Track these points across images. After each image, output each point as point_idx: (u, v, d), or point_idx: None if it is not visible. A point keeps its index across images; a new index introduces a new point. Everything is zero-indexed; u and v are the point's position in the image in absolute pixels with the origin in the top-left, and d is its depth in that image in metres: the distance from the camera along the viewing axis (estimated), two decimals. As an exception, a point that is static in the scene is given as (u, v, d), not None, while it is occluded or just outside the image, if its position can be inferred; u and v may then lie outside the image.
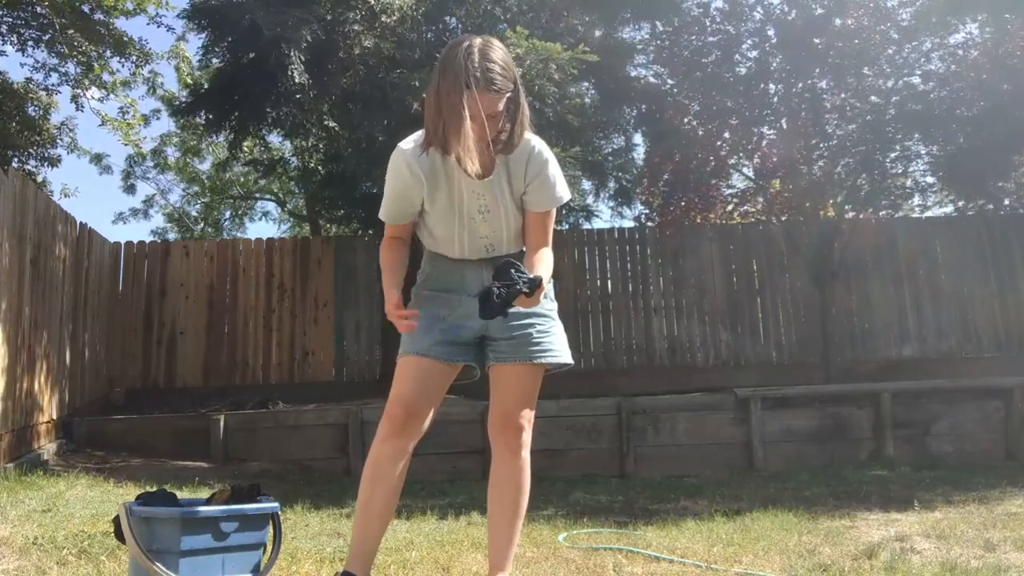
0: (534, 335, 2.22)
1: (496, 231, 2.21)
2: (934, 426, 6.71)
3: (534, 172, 2.16)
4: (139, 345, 8.30)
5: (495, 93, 2.02)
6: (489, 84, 2.00)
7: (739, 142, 8.88)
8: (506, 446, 2.23)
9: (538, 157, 2.17)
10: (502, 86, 2.03)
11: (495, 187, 2.17)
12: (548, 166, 2.18)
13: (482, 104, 1.99)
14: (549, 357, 2.23)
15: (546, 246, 2.20)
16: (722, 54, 8.59)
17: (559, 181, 2.21)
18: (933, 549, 3.29)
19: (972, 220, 9.58)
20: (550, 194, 2.19)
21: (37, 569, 2.68)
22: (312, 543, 3.29)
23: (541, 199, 2.19)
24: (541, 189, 2.18)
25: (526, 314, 2.20)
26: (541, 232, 2.21)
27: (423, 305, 2.25)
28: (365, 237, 8.99)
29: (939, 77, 8.26)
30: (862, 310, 8.97)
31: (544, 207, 2.20)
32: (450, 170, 2.15)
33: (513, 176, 2.18)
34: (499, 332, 2.22)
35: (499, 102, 2.04)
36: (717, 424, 6.69)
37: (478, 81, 1.98)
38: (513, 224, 2.22)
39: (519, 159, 2.16)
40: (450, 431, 6.16)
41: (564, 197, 2.20)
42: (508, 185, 2.18)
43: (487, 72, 2.00)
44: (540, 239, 2.20)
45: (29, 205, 5.47)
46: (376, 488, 2.16)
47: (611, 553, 3.20)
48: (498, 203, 2.18)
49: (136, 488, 4.37)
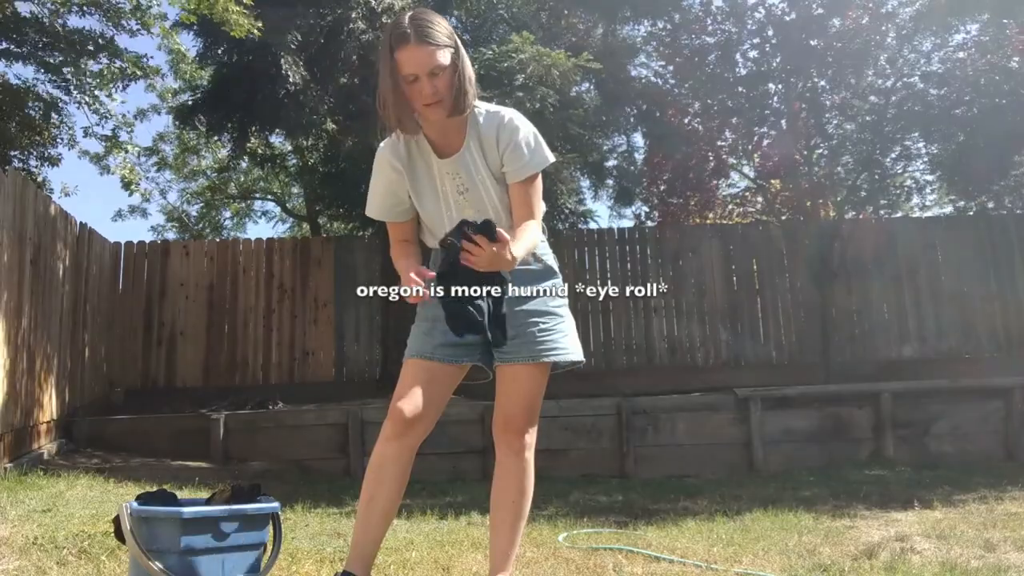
0: (537, 333, 2.18)
1: (480, 210, 2.16)
2: (934, 426, 6.71)
3: (506, 140, 2.12)
4: (139, 345, 8.30)
5: (432, 46, 2.02)
6: (422, 37, 2.01)
7: (739, 142, 8.89)
8: (509, 447, 2.22)
9: (508, 125, 2.13)
10: (438, 40, 2.03)
11: (468, 163, 2.15)
12: (518, 133, 2.13)
13: (419, 58, 2.01)
14: (554, 355, 2.19)
15: (530, 219, 2.13)
16: (722, 54, 8.60)
17: (537, 147, 2.14)
18: (933, 549, 3.29)
19: (972, 220, 9.58)
20: (523, 161, 2.12)
21: (37, 569, 2.67)
22: (312, 543, 3.29)
23: (516, 167, 2.14)
24: (514, 157, 2.12)
25: (529, 312, 2.17)
26: (524, 206, 2.15)
27: (426, 306, 2.24)
28: (365, 237, 8.99)
29: (939, 77, 8.27)
30: (862, 310, 8.97)
31: (520, 175, 2.14)
32: (426, 156, 2.18)
33: (486, 149, 2.14)
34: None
35: (438, 54, 2.03)
36: (717, 424, 6.69)
37: (410, 36, 2.01)
38: (496, 199, 2.17)
39: (489, 130, 2.14)
40: (450, 431, 6.15)
41: (541, 162, 2.15)
42: (483, 159, 2.15)
43: (419, 27, 2.02)
44: (523, 212, 2.14)
45: (29, 205, 5.47)
46: (378, 489, 2.15)
47: (611, 553, 3.19)
48: (474, 180, 2.16)
49: (136, 488, 4.36)
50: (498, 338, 2.11)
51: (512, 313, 2.14)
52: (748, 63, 8.74)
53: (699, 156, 8.76)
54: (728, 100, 8.50)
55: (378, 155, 2.23)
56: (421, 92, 2.05)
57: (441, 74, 2.05)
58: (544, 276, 2.23)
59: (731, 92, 8.52)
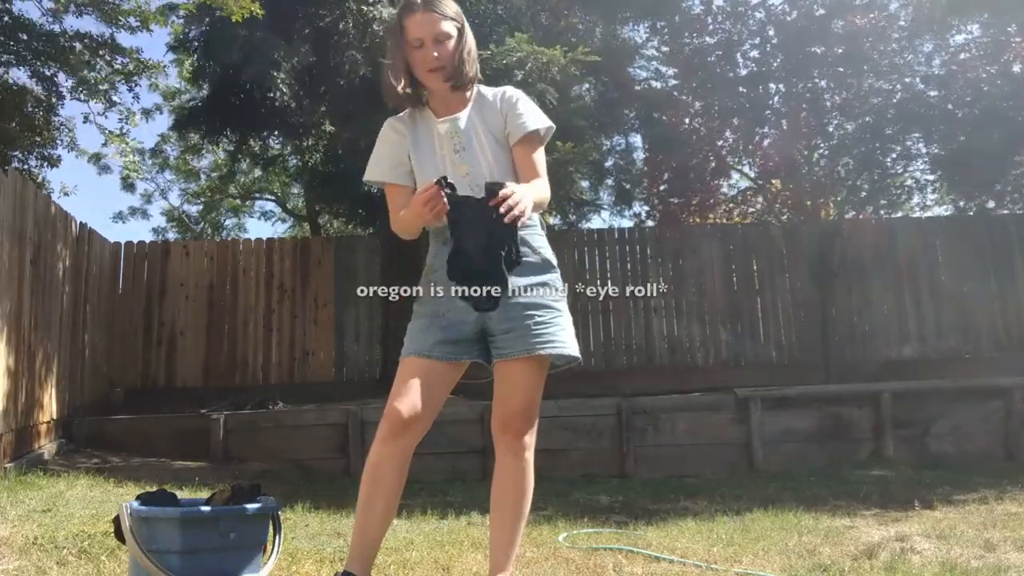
0: (532, 326, 2.15)
1: (475, 169, 2.19)
2: (934, 426, 6.71)
3: (507, 104, 2.25)
4: (139, 345, 8.30)
5: (437, 14, 2.16)
6: (430, 5, 2.16)
7: (740, 142, 8.89)
8: (508, 449, 2.20)
9: (508, 91, 2.28)
10: (444, 11, 2.17)
11: (467, 124, 2.23)
12: (518, 95, 2.27)
13: (425, 24, 2.15)
14: (550, 348, 2.15)
15: (537, 177, 2.20)
16: (723, 53, 8.59)
17: (536, 111, 2.26)
18: (933, 549, 3.29)
19: (972, 220, 9.58)
20: (523, 118, 2.22)
21: (37, 569, 2.67)
22: (312, 543, 3.29)
23: (516, 124, 2.22)
24: (514, 115, 2.23)
25: (525, 304, 2.15)
26: (530, 168, 2.21)
27: (425, 301, 2.23)
28: (365, 237, 8.99)
29: (939, 78, 8.26)
30: (862, 310, 8.97)
31: (521, 131, 2.21)
32: (428, 121, 2.27)
33: (487, 114, 2.25)
34: (497, 324, 2.16)
35: (443, 23, 2.16)
36: (717, 424, 6.69)
37: (419, 5, 2.16)
38: (491, 158, 2.21)
39: (491, 98, 2.27)
40: (450, 431, 6.15)
41: (541, 121, 2.24)
42: (483, 123, 2.24)
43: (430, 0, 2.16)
44: (530, 174, 2.20)
45: (29, 205, 5.47)
46: (376, 491, 2.14)
47: (611, 553, 3.19)
48: (471, 139, 2.22)
49: (136, 488, 4.36)
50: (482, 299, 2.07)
51: (508, 305, 2.12)
52: (749, 63, 8.74)
53: (699, 156, 8.76)
54: (729, 100, 8.49)
55: (383, 127, 2.32)
56: (425, 58, 2.17)
57: (445, 42, 2.18)
58: (542, 269, 2.21)
59: (732, 92, 8.52)
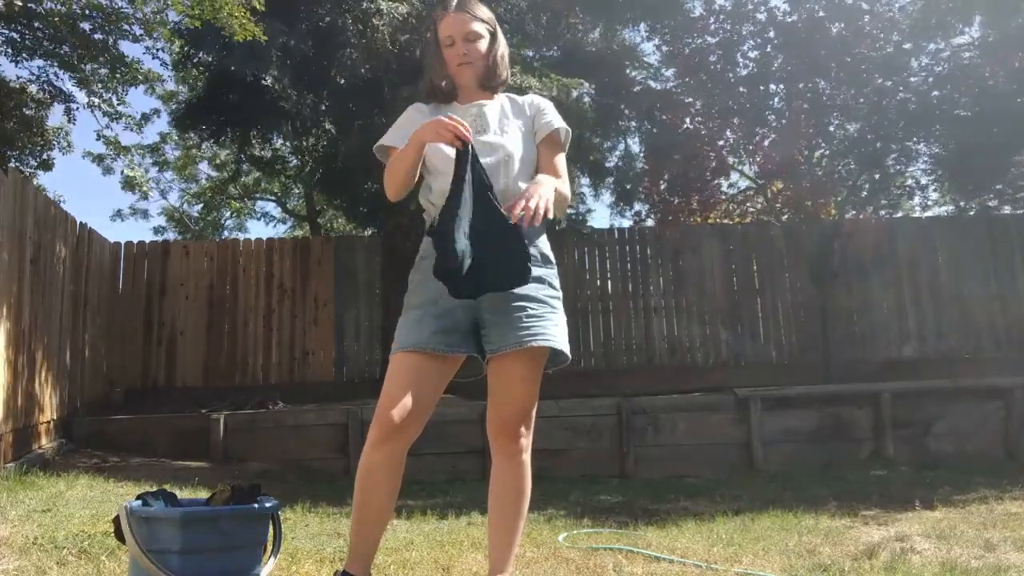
0: (523, 318, 2.12)
1: (493, 156, 2.17)
2: (934, 426, 6.71)
3: (535, 108, 2.35)
4: (139, 345, 8.30)
5: (469, 14, 2.28)
6: (462, 6, 2.29)
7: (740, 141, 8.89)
8: (505, 451, 2.18)
9: (537, 99, 2.40)
10: (476, 13, 2.30)
11: (492, 110, 2.30)
12: (548, 105, 2.38)
13: (456, 23, 2.27)
14: (540, 340, 2.11)
15: (559, 178, 2.24)
16: (724, 53, 8.59)
17: (559, 116, 2.36)
18: (933, 549, 3.29)
19: (972, 220, 9.58)
20: (550, 118, 2.32)
21: (37, 569, 2.67)
22: (312, 543, 3.29)
23: (542, 123, 2.31)
24: (541, 115, 2.33)
25: (519, 296, 2.12)
26: (551, 170, 2.26)
27: (417, 292, 2.20)
28: (365, 237, 8.99)
29: (939, 78, 8.26)
30: (862, 310, 8.97)
31: (546, 130, 2.29)
32: (452, 108, 2.31)
33: (516, 109, 2.34)
34: (489, 314, 2.14)
35: (474, 23, 2.28)
36: (717, 424, 6.69)
37: (452, 5, 2.29)
38: (511, 148, 2.21)
39: (519, 101, 2.38)
40: (449, 431, 6.15)
41: (563, 123, 2.33)
42: (508, 117, 2.31)
43: (463, 1, 2.30)
44: (552, 175, 2.22)
45: (29, 205, 5.46)
46: (370, 495, 2.13)
47: (611, 553, 3.19)
48: (490, 123, 2.27)
49: (136, 488, 4.36)
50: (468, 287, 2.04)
51: (501, 296, 2.11)
52: (749, 63, 8.73)
53: (700, 156, 8.75)
54: (729, 100, 8.49)
55: (407, 109, 2.40)
56: (456, 53, 2.28)
57: (476, 41, 2.29)
58: (538, 264, 2.20)
59: (732, 92, 8.52)
